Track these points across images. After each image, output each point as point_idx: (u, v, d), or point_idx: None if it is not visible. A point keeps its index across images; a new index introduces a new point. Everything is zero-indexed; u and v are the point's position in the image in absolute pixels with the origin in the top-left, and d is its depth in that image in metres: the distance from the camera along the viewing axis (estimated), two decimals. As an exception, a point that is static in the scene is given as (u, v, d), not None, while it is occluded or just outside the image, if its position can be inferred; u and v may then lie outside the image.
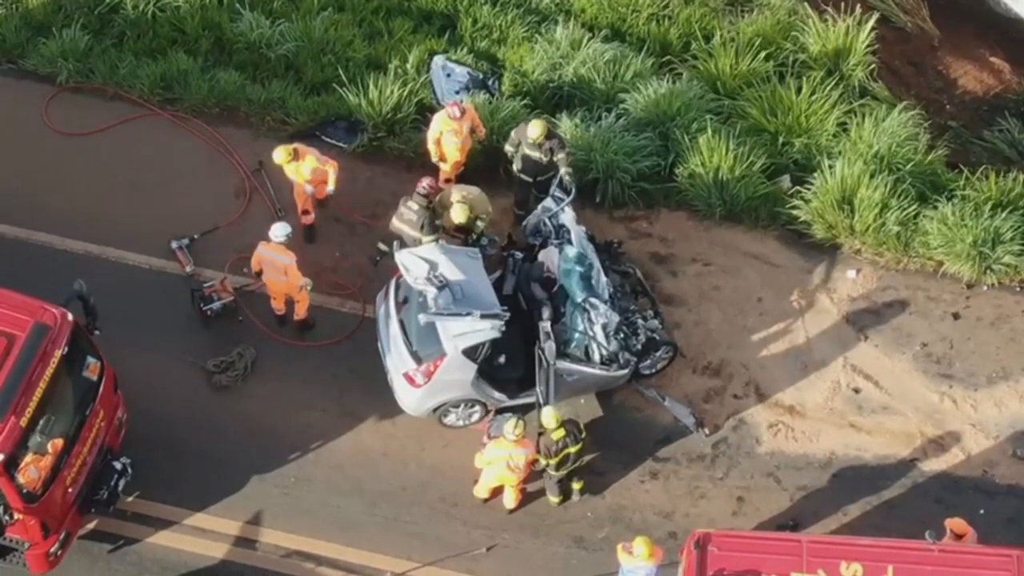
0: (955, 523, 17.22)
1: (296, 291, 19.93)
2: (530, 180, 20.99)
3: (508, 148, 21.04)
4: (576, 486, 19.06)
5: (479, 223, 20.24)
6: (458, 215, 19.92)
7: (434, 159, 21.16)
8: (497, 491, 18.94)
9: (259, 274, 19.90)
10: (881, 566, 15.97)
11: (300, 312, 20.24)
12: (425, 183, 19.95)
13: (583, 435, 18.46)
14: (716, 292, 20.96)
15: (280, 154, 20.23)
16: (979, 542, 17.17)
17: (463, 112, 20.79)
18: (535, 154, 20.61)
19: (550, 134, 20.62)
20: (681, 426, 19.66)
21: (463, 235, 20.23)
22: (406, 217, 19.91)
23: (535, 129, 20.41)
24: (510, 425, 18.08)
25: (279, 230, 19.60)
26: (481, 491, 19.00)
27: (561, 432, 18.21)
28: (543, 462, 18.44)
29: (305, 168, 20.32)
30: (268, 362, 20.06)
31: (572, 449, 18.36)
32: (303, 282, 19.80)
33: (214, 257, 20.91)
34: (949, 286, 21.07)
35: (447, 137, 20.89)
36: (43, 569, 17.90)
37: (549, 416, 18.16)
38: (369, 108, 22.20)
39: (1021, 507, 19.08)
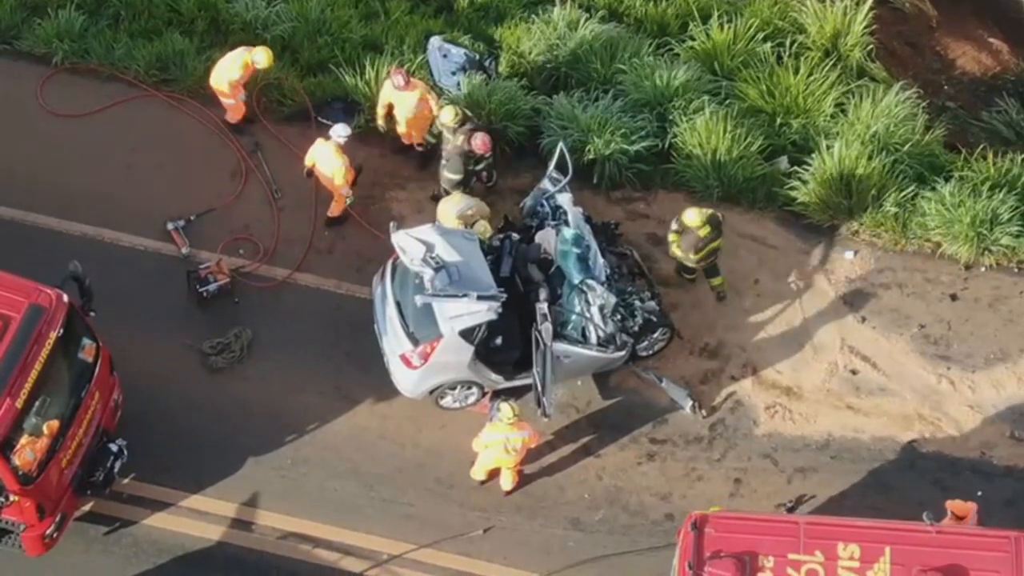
0: (956, 505, 17.22)
1: (339, 190, 20.37)
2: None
3: (429, 139, 21.22)
4: (716, 282, 20.32)
5: (479, 225, 20.18)
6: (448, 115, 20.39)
7: (379, 122, 21.24)
8: (494, 473, 18.92)
9: (310, 173, 20.48)
10: (878, 547, 15.92)
11: (334, 210, 20.76)
12: (479, 141, 20.25)
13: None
14: (713, 273, 20.95)
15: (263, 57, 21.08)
16: (977, 524, 17.18)
17: (407, 82, 20.72)
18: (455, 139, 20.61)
19: (465, 120, 20.51)
20: (678, 408, 19.64)
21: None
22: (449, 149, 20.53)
23: (447, 115, 20.37)
24: (505, 408, 18.07)
25: (341, 130, 20.18)
26: (478, 473, 18.98)
27: (707, 229, 19.29)
28: (690, 257, 19.65)
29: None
30: (264, 344, 20.02)
31: (716, 244, 19.65)
32: (346, 192, 20.35)
33: (210, 238, 20.85)
34: (947, 267, 21.03)
35: (396, 103, 21.00)
36: (39, 551, 17.86)
37: (693, 214, 19.38)
38: (366, 89, 22.14)
39: (1019, 489, 19.07)
